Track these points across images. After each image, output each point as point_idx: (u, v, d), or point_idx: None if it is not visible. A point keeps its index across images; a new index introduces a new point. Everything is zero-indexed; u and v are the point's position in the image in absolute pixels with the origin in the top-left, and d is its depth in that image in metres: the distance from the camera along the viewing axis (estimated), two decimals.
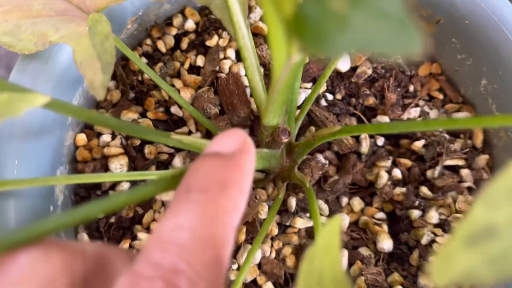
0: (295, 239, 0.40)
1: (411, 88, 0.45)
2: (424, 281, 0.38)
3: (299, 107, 0.42)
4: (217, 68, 0.44)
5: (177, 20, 0.47)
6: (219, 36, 0.46)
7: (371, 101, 0.44)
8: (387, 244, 0.39)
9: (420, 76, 0.45)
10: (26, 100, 0.22)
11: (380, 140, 0.43)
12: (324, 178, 0.42)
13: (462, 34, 0.41)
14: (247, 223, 0.39)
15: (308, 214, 0.40)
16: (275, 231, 0.39)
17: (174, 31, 0.47)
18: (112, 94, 0.44)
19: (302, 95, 0.44)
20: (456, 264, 0.13)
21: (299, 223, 0.40)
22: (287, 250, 0.39)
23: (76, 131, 0.41)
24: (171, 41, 0.46)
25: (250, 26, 0.45)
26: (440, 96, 0.45)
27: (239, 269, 0.37)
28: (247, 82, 0.43)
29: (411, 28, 0.13)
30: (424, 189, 0.41)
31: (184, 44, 0.46)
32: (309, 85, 0.45)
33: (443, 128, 0.41)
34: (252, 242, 0.39)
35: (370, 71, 0.44)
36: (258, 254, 0.38)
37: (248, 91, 0.43)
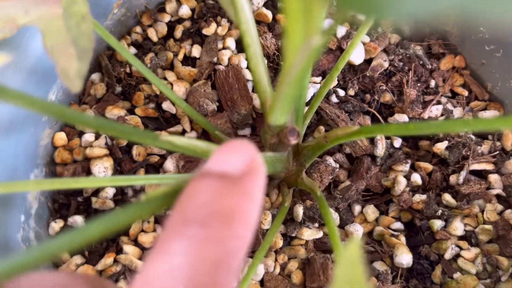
0: (302, 252, 0.37)
1: (432, 83, 0.42)
2: None
3: (307, 104, 0.39)
4: (215, 59, 0.41)
5: (170, 6, 0.44)
6: (218, 23, 0.43)
7: (387, 97, 0.41)
8: (405, 258, 0.36)
9: (442, 70, 0.42)
10: None
11: (397, 142, 0.40)
12: (334, 183, 0.39)
13: (492, 22, 0.38)
14: None
15: (316, 224, 0.37)
16: (280, 243, 0.37)
17: (167, 18, 0.44)
18: (97, 88, 0.41)
19: (311, 90, 0.40)
20: None
21: (307, 234, 0.37)
22: (293, 265, 0.36)
23: (54, 129, 0.38)
24: (163, 29, 0.43)
25: (253, 13, 0.42)
26: (465, 92, 0.42)
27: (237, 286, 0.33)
28: (248, 75, 0.40)
29: None
30: (447, 196, 0.38)
31: (178, 33, 0.43)
32: (318, 79, 0.41)
33: (471, 129, 0.37)
34: (253, 256, 0.36)
35: (386, 64, 0.41)
36: (260, 270, 0.36)
37: (250, 85, 0.40)
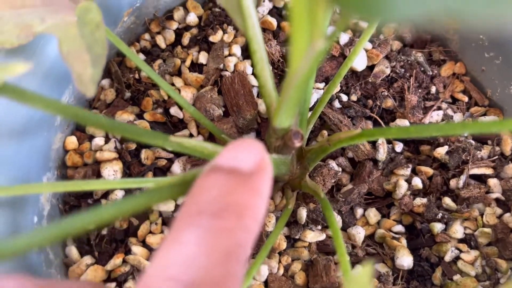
0: (305, 254, 0.37)
1: (433, 89, 0.42)
2: None
3: (310, 109, 0.39)
4: (221, 65, 0.41)
5: (178, 14, 0.44)
6: (224, 31, 0.43)
7: (389, 103, 0.41)
8: (406, 260, 0.36)
9: (442, 77, 0.42)
10: (3, 70, 0.19)
11: (399, 146, 0.40)
12: (337, 186, 0.39)
13: (492, 30, 0.38)
14: None
15: (319, 227, 0.38)
16: (284, 245, 0.37)
17: (174, 25, 0.44)
18: (106, 93, 0.41)
19: (314, 96, 0.41)
20: None
21: (310, 236, 0.37)
22: (296, 266, 0.36)
23: (65, 134, 0.38)
24: (171, 36, 0.43)
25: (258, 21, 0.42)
26: (465, 98, 0.42)
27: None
28: (253, 81, 0.40)
29: None
30: (447, 200, 0.38)
31: (185, 40, 0.43)
32: (321, 85, 0.42)
33: (470, 132, 0.38)
34: (256, 256, 0.36)
35: (388, 71, 0.41)
36: (264, 271, 0.36)
37: (254, 91, 0.40)
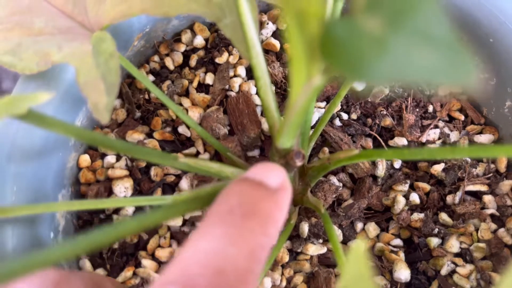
0: (307, 266, 0.38)
1: (430, 108, 0.43)
2: None
3: (312, 127, 0.40)
4: (226, 86, 0.43)
5: (185, 36, 0.45)
6: (229, 53, 0.45)
7: (388, 121, 0.42)
8: (404, 273, 0.37)
9: (439, 96, 0.44)
10: (28, 99, 0.21)
11: (397, 163, 0.41)
12: (338, 201, 0.40)
13: (486, 53, 0.40)
14: None
15: (321, 240, 0.39)
16: (286, 258, 0.38)
17: (182, 48, 0.45)
18: (118, 113, 0.43)
19: (316, 115, 0.42)
20: None
21: (312, 249, 0.38)
22: (298, 279, 0.37)
23: (79, 152, 0.40)
24: (179, 58, 0.45)
25: (262, 43, 0.44)
26: (461, 117, 0.43)
27: None
28: (257, 100, 0.42)
29: (463, 53, 0.11)
30: (443, 215, 0.39)
31: (193, 61, 0.44)
32: (322, 104, 0.43)
33: (460, 156, 0.39)
34: None
35: (387, 91, 0.43)
36: (268, 283, 0.37)
37: (258, 110, 0.42)
